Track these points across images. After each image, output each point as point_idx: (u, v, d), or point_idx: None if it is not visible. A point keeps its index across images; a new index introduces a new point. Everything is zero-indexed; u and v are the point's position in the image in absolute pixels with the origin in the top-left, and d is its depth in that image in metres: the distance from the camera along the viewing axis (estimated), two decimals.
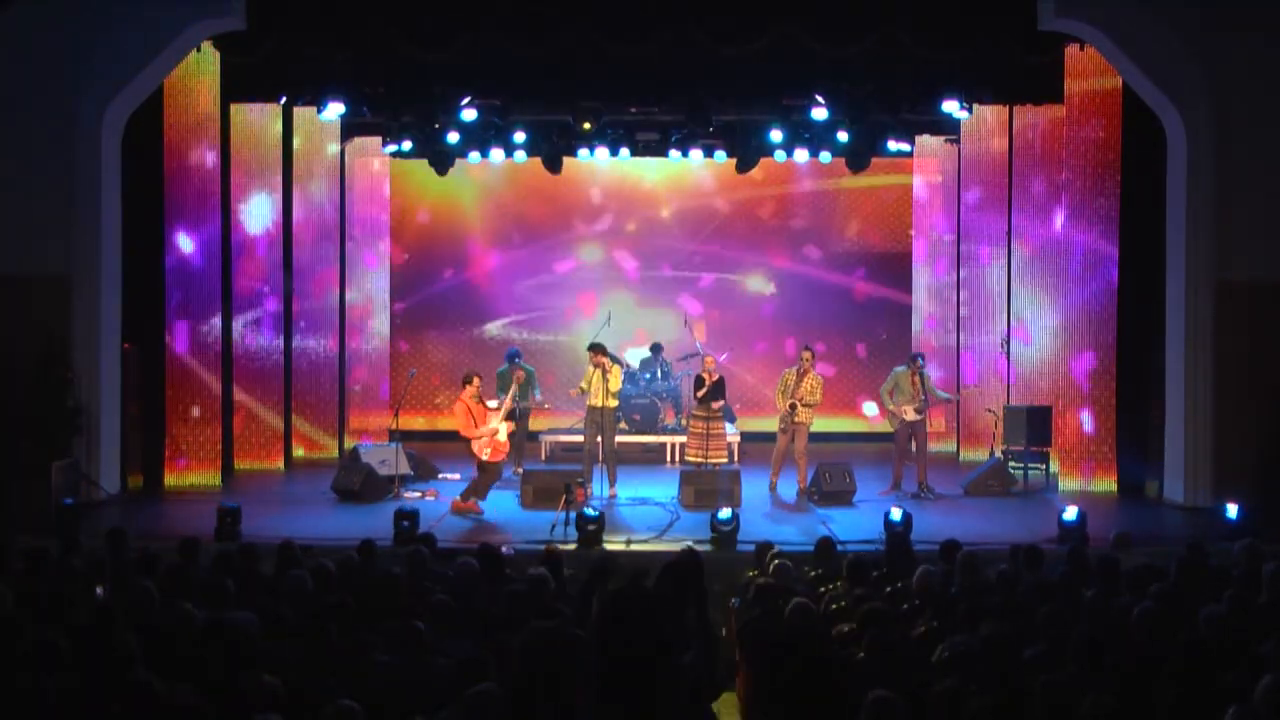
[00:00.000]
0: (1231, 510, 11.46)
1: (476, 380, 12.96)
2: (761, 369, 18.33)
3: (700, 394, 13.90)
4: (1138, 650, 6.22)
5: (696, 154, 16.92)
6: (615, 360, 14.16)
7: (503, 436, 12.89)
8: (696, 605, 5.04)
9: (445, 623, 6.87)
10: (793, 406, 13.75)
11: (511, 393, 13.77)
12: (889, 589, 8.35)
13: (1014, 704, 5.35)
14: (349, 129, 16.94)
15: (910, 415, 13.93)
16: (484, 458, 12.72)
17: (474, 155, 16.99)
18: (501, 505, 13.06)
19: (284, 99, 15.51)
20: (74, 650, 5.98)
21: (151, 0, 13.25)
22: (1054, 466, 14.79)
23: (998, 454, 15.06)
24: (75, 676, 5.65)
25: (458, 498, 12.78)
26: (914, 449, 14.09)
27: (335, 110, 14.97)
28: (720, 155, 17.10)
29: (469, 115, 15.13)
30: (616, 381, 13.82)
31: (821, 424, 17.77)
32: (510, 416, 13.46)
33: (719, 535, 11.15)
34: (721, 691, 5.70)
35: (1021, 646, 6.35)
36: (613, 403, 13.87)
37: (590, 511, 11.32)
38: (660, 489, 13.87)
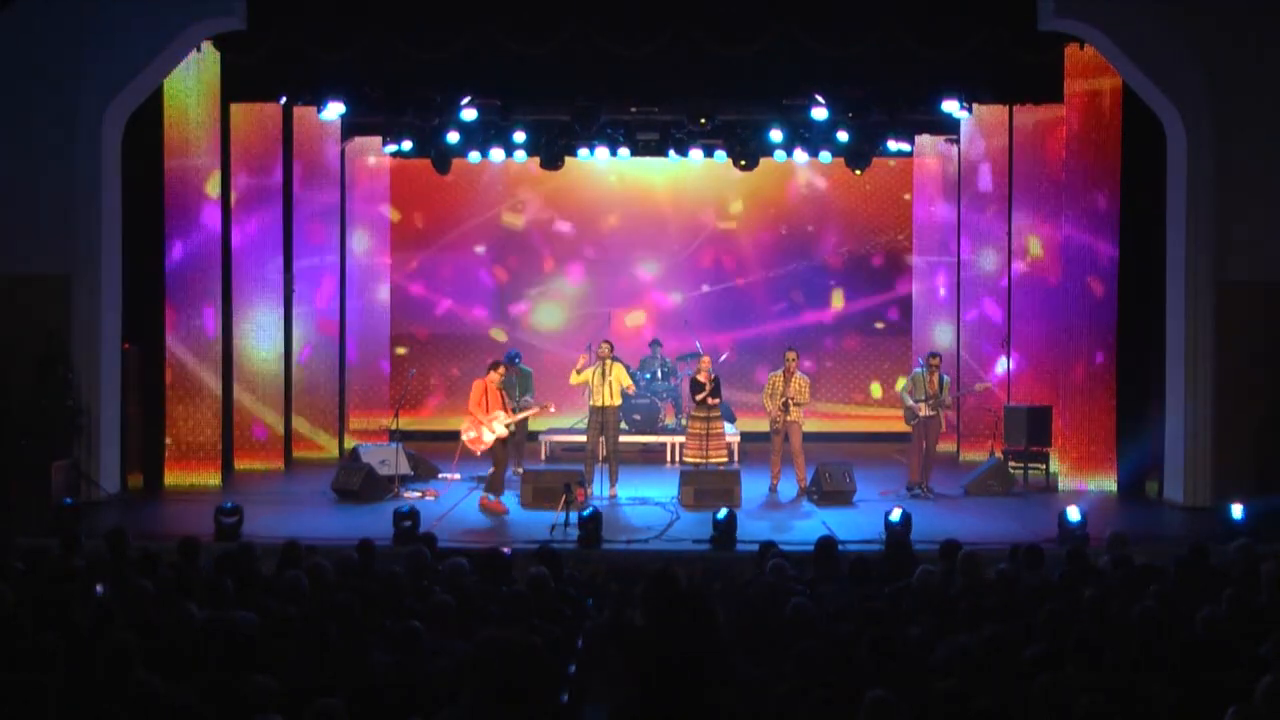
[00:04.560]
0: (1236, 510, 11.48)
1: (502, 369, 13.47)
2: (762, 368, 18.32)
3: (700, 397, 13.89)
4: (1138, 650, 6.21)
5: (696, 154, 16.93)
6: (616, 359, 14.14)
7: (489, 436, 13.09)
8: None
9: (445, 623, 6.86)
10: (785, 406, 13.78)
11: (530, 409, 14.18)
12: (889, 589, 8.35)
13: (1014, 704, 5.35)
14: (349, 129, 16.94)
15: (924, 411, 13.93)
16: (464, 438, 13.14)
17: (474, 155, 17.02)
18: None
19: (284, 99, 15.52)
20: (74, 650, 5.97)
21: (151, 0, 13.26)
22: (1054, 466, 14.79)
23: (997, 454, 15.06)
24: (75, 676, 5.64)
25: (484, 495, 13.08)
26: (924, 447, 14.06)
27: (335, 110, 14.99)
28: (720, 155, 17.10)
29: (469, 115, 15.14)
30: (624, 379, 13.82)
31: (823, 423, 17.90)
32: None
33: (719, 535, 11.14)
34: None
35: (1021, 646, 6.35)
36: (616, 401, 13.88)
37: (590, 512, 11.32)
38: (660, 489, 13.86)
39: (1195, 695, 5.44)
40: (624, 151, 17.06)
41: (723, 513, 11.28)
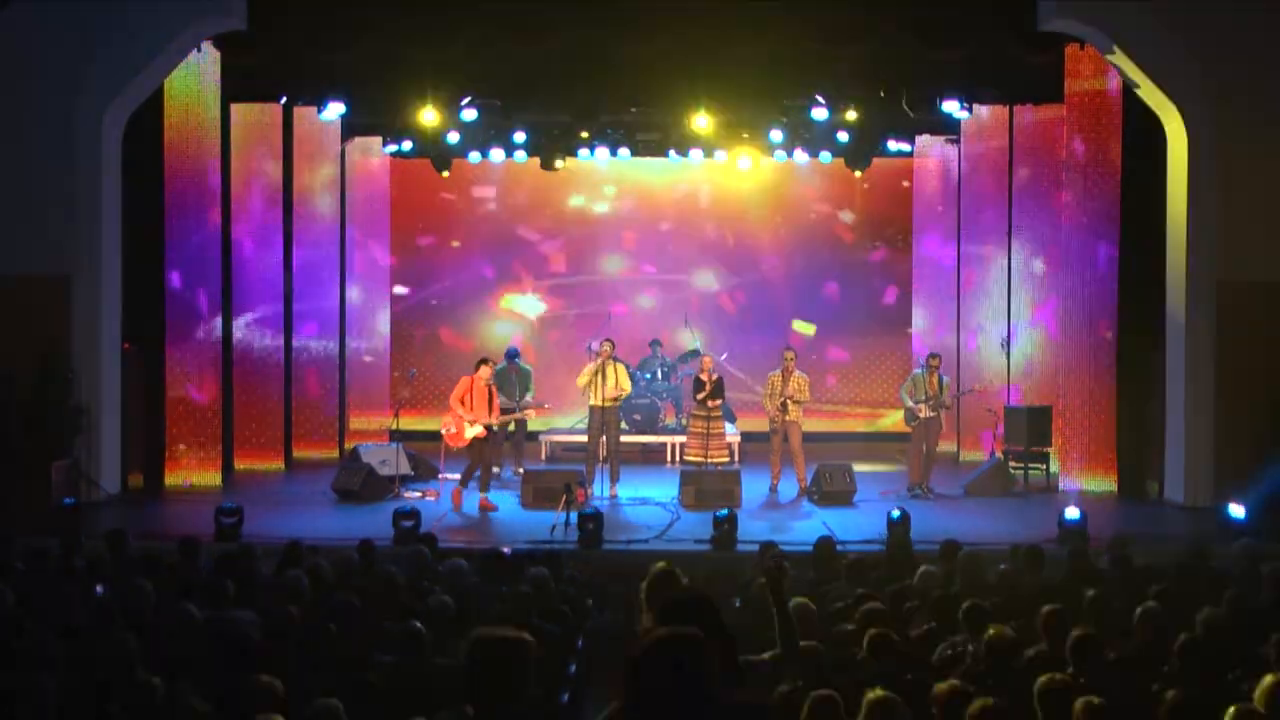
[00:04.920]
0: (1237, 510, 11.48)
1: (490, 367, 13.41)
2: (762, 368, 18.30)
3: (700, 395, 13.90)
4: (1138, 650, 6.22)
5: (696, 154, 16.92)
6: (616, 359, 14.13)
7: (469, 433, 13.12)
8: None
9: (445, 623, 6.86)
10: (784, 405, 13.79)
11: (520, 412, 14.23)
12: (889, 589, 8.35)
13: (1014, 704, 5.35)
14: (349, 129, 16.95)
15: (924, 413, 13.92)
16: (442, 431, 13.34)
17: (474, 155, 17.02)
18: (502, 505, 13.10)
19: (284, 99, 15.52)
20: (74, 650, 5.97)
21: (151, 1, 13.26)
22: (1054, 466, 14.79)
23: (998, 454, 15.05)
24: (75, 676, 5.64)
25: (482, 495, 13.12)
26: (924, 448, 14.04)
27: (335, 110, 14.99)
28: (720, 155, 17.10)
29: (469, 115, 15.14)
30: (623, 379, 13.81)
31: (823, 423, 17.90)
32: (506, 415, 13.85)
33: (719, 535, 11.14)
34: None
35: (1021, 646, 6.35)
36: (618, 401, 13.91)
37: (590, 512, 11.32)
38: (660, 489, 13.86)
39: (1195, 695, 5.44)
40: (624, 151, 17.06)
41: (723, 512, 11.28)
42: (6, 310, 13.09)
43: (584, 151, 16.88)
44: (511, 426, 14.81)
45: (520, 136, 16.18)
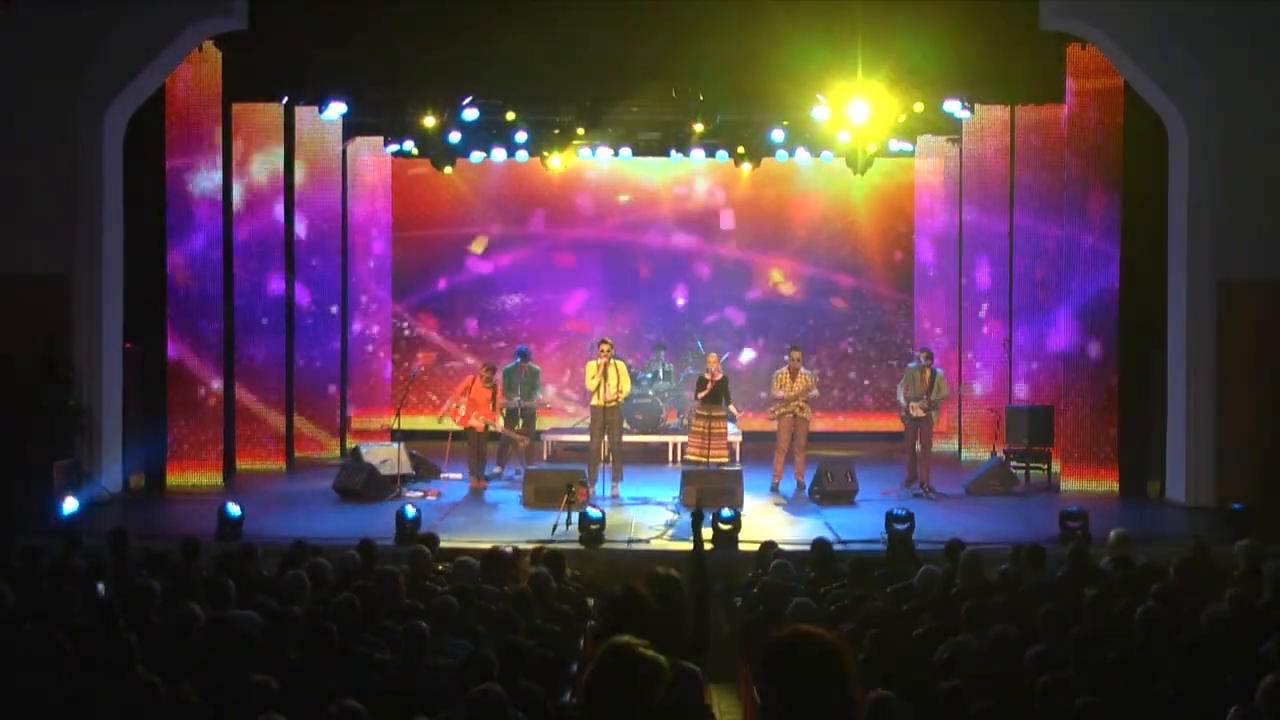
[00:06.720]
0: (1238, 510, 11.47)
1: (492, 368, 14.50)
2: (761, 368, 18.31)
3: (702, 394, 13.89)
4: (1138, 650, 6.22)
5: (697, 154, 16.92)
6: (617, 358, 14.11)
7: (471, 422, 14.31)
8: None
9: (446, 622, 6.87)
10: (800, 407, 13.79)
11: (514, 430, 14.66)
12: (890, 588, 8.36)
13: (1014, 704, 5.35)
14: (349, 129, 16.95)
15: (917, 412, 13.91)
16: (451, 417, 14.61)
17: (475, 155, 17.02)
18: (503, 505, 13.08)
19: (285, 99, 15.53)
20: (74, 650, 5.97)
21: (152, 1, 13.26)
22: (1055, 466, 14.78)
23: (999, 454, 15.05)
24: (75, 676, 5.65)
25: (473, 479, 14.12)
26: (918, 446, 14.05)
27: (336, 110, 14.99)
28: (721, 155, 17.11)
29: (470, 115, 15.15)
30: (625, 380, 13.81)
31: (825, 423, 17.89)
32: (512, 415, 14.36)
33: (720, 535, 11.14)
34: (706, 648, 5.56)
35: (1022, 646, 6.35)
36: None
37: (592, 512, 11.30)
38: (661, 489, 13.85)
39: (1195, 695, 5.44)
40: (625, 151, 17.06)
41: (726, 512, 11.25)
42: (6, 310, 13.09)
43: (585, 151, 16.89)
44: (519, 425, 14.77)
45: (521, 136, 16.18)
